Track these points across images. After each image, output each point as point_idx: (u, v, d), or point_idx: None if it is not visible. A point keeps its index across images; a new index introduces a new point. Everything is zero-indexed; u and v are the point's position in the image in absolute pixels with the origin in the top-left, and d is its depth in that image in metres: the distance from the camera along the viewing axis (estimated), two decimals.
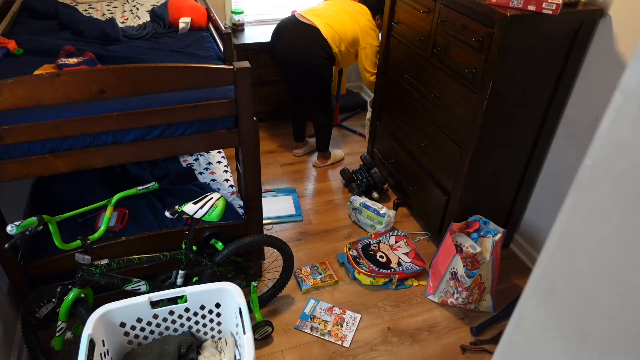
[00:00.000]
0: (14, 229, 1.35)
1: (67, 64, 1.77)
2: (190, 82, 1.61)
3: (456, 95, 2.09)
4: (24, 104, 1.42)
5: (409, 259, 2.38)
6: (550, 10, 1.69)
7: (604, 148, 0.38)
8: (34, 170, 1.56)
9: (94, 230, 1.92)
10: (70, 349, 1.83)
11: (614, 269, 0.39)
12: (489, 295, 2.14)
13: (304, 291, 2.24)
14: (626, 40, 1.77)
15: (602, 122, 0.37)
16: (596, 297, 0.41)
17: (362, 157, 2.96)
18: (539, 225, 2.38)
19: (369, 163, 2.91)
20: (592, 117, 1.97)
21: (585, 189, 0.40)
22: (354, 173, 2.95)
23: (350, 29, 2.72)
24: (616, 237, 0.38)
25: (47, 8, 2.46)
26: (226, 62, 2.09)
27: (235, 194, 2.34)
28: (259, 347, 1.98)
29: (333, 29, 2.70)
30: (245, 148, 1.85)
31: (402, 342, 2.02)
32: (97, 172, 2.37)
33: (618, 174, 0.37)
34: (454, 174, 2.21)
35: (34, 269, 1.80)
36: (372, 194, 2.84)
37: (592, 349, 0.43)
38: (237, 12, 3.42)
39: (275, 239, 1.95)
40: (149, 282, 1.73)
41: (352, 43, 2.77)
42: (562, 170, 2.18)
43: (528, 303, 0.50)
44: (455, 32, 2.03)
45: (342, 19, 2.72)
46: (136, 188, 1.71)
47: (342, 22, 2.72)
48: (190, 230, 1.71)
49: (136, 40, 2.24)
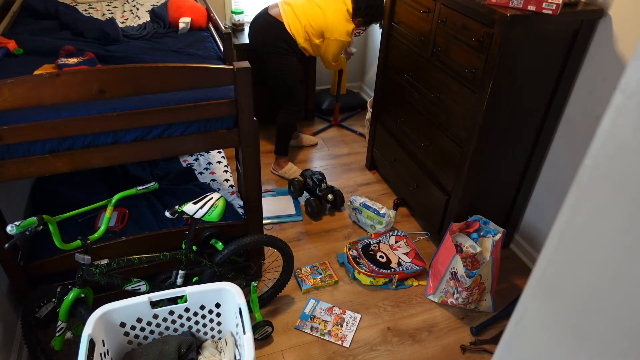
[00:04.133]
0: (14, 229, 1.35)
1: (67, 64, 1.77)
2: (190, 82, 1.61)
3: (456, 95, 2.09)
4: (24, 104, 1.42)
5: (409, 259, 2.38)
6: (550, 10, 1.69)
7: (604, 148, 0.38)
8: (34, 170, 1.56)
9: (94, 230, 1.92)
10: (70, 349, 1.83)
11: (614, 269, 0.39)
12: (489, 295, 2.14)
13: (304, 291, 2.24)
14: (626, 40, 1.77)
15: (602, 122, 0.37)
16: (596, 297, 0.41)
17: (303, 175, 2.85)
18: (539, 225, 2.38)
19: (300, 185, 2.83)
20: (592, 117, 1.97)
21: (586, 189, 0.40)
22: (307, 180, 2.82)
23: (316, 20, 2.71)
24: (616, 237, 0.38)
25: (47, 8, 2.46)
26: (226, 62, 2.09)
27: (235, 194, 2.34)
28: (259, 347, 1.98)
29: (298, 21, 2.70)
30: (245, 148, 1.85)
31: (402, 342, 2.02)
32: (97, 172, 2.37)
33: (618, 174, 0.37)
34: (454, 174, 2.21)
35: (34, 269, 1.80)
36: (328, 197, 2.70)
37: (592, 349, 0.43)
38: (237, 12, 3.42)
39: (275, 239, 1.95)
40: (149, 282, 1.73)
41: (320, 34, 2.75)
42: (562, 170, 2.18)
43: (528, 303, 0.50)
44: (455, 32, 2.03)
45: (311, 10, 2.71)
46: (136, 188, 1.70)
47: (311, 12, 2.71)
48: (190, 230, 1.71)
49: (136, 40, 2.24)
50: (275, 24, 2.71)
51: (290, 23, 2.70)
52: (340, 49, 2.82)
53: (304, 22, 2.70)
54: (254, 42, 2.83)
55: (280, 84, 2.84)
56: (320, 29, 2.73)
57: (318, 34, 2.74)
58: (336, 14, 2.70)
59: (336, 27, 2.71)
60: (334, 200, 2.72)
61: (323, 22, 2.71)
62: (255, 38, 2.81)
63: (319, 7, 2.71)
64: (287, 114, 2.90)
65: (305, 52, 2.85)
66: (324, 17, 2.70)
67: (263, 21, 2.77)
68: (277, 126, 2.96)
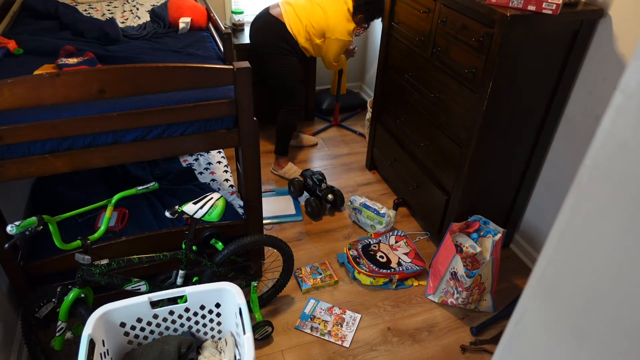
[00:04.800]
0: (14, 229, 1.35)
1: (67, 64, 1.77)
2: (190, 82, 1.61)
3: (456, 95, 2.09)
4: (24, 104, 1.42)
5: (409, 259, 2.38)
6: (550, 10, 1.69)
7: (604, 148, 0.38)
8: (34, 170, 1.56)
9: (94, 230, 1.92)
10: (70, 349, 1.83)
11: (614, 268, 0.39)
12: (489, 295, 2.14)
13: (304, 291, 2.24)
14: (626, 40, 1.77)
15: (602, 122, 0.37)
16: (596, 297, 0.41)
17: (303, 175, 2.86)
18: (539, 225, 2.38)
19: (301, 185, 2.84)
20: (592, 117, 1.97)
21: (586, 189, 0.40)
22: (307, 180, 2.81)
23: (317, 20, 2.70)
24: (616, 237, 0.38)
25: (47, 8, 2.46)
26: (226, 62, 2.09)
27: (235, 194, 2.34)
28: (259, 347, 1.98)
29: (299, 21, 2.70)
30: (245, 148, 1.85)
31: (402, 342, 2.02)
32: (97, 172, 2.37)
33: (618, 174, 0.37)
34: (454, 174, 2.21)
35: (34, 269, 1.80)
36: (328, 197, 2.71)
37: (592, 349, 0.43)
38: (237, 12, 3.42)
39: (275, 239, 1.95)
40: (149, 282, 1.73)
41: (321, 34, 2.75)
42: (562, 170, 2.18)
43: (528, 303, 0.50)
44: (455, 32, 2.03)
45: (312, 9, 2.70)
46: (136, 188, 1.70)
47: (312, 12, 2.70)
48: (190, 230, 1.71)
49: (136, 40, 2.24)
50: (276, 23, 2.71)
51: (292, 23, 2.70)
52: (341, 48, 2.82)
53: (305, 22, 2.70)
54: (254, 42, 2.83)
55: (280, 84, 2.84)
56: (322, 28, 2.73)
57: (319, 33, 2.74)
58: (337, 14, 2.70)
59: (337, 27, 2.71)
60: (334, 200, 2.72)
61: (324, 22, 2.71)
62: (255, 38, 2.81)
63: (320, 7, 2.71)
64: (287, 114, 2.90)
65: (306, 53, 2.85)
66: (325, 17, 2.70)
67: (264, 21, 2.76)
68: (277, 126, 2.96)
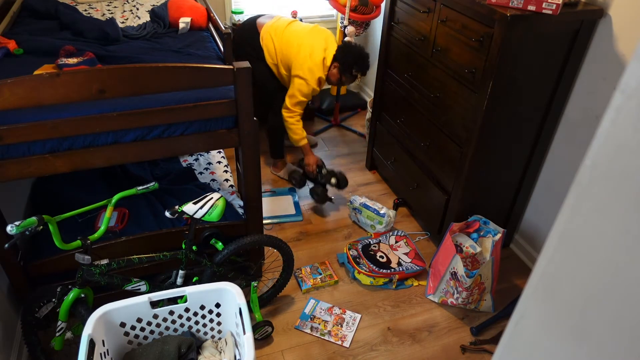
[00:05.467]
0: (14, 229, 1.35)
1: (67, 64, 1.77)
2: (190, 82, 1.61)
3: (456, 95, 2.09)
4: (24, 104, 1.42)
5: (409, 259, 2.38)
6: (550, 10, 1.69)
7: (604, 148, 0.38)
8: (34, 170, 1.56)
9: (94, 230, 1.92)
10: (70, 349, 1.83)
11: (613, 268, 0.39)
12: (489, 295, 2.14)
13: (304, 291, 2.24)
14: (626, 40, 1.77)
15: (602, 122, 0.37)
16: (596, 297, 0.41)
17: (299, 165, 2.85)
18: (539, 225, 2.38)
19: None
20: (592, 117, 1.97)
21: (586, 189, 0.40)
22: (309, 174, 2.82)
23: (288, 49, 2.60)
24: (616, 237, 0.38)
25: (47, 8, 2.46)
26: (226, 62, 2.09)
27: (235, 194, 2.34)
28: (259, 347, 1.98)
29: (272, 42, 2.65)
30: (245, 148, 1.85)
31: (402, 342, 2.02)
32: (97, 172, 2.37)
33: (618, 174, 0.37)
34: (454, 174, 2.21)
35: (34, 269, 1.80)
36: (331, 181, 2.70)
37: (592, 349, 0.43)
38: (237, 12, 3.42)
39: (275, 239, 1.95)
40: (149, 282, 1.73)
41: (287, 65, 2.65)
42: (562, 170, 2.18)
43: (528, 303, 0.50)
44: (455, 32, 2.03)
45: (289, 36, 2.61)
46: (136, 188, 1.71)
47: (287, 38, 2.61)
48: (190, 230, 1.71)
49: (136, 40, 2.24)
50: (252, 38, 2.69)
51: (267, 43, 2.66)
52: (302, 93, 2.59)
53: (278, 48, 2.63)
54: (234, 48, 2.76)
55: (261, 88, 2.82)
56: (289, 60, 2.62)
57: (285, 65, 2.66)
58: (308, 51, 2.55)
59: (303, 65, 2.55)
60: (338, 183, 2.73)
61: (294, 55, 2.58)
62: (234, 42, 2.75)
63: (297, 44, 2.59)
64: (274, 117, 2.88)
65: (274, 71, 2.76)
66: (296, 51, 2.58)
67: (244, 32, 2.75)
68: (267, 129, 2.95)
